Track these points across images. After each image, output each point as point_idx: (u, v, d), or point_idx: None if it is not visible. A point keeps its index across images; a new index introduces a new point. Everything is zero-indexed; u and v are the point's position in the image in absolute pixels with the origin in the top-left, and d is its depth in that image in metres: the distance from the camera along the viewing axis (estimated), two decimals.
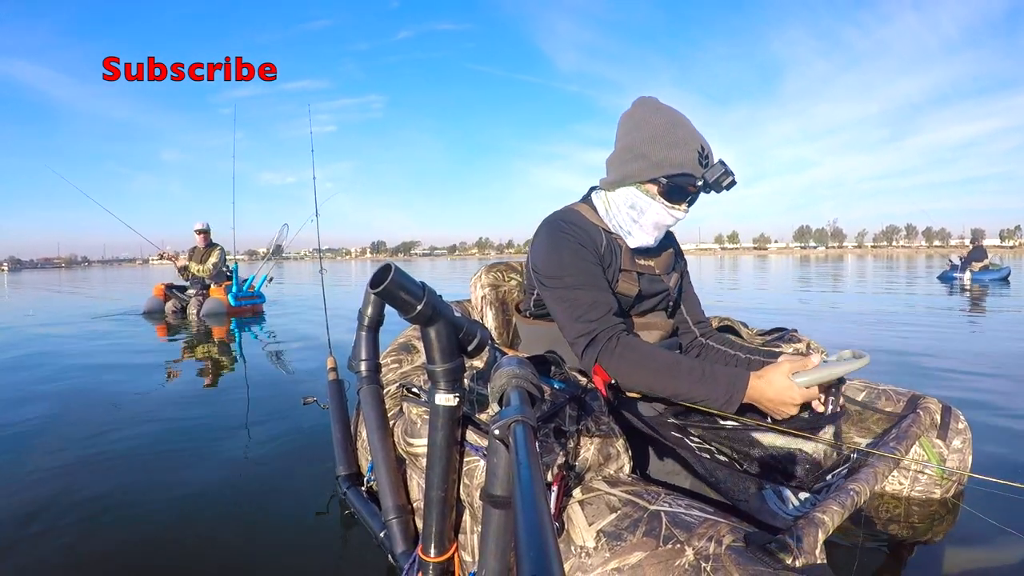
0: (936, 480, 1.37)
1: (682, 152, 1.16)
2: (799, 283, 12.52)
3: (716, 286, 11.78)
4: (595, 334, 1.12)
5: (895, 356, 3.52)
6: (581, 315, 1.13)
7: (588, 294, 1.15)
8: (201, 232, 6.86)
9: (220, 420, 2.38)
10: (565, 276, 1.17)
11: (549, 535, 0.40)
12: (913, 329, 4.81)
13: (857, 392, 1.42)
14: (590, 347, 1.12)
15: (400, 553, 1.11)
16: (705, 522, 0.77)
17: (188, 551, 1.35)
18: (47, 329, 5.76)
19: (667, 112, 1.21)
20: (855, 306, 6.92)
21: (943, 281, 11.24)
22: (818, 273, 16.52)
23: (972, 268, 10.83)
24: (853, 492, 0.90)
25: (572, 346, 1.16)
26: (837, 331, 4.81)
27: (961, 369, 3.12)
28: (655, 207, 1.20)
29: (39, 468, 1.85)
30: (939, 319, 5.59)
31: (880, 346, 3.86)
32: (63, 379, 3.26)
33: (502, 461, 0.74)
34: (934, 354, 3.60)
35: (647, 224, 1.22)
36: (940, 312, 6.25)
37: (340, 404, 1.62)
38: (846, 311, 6.44)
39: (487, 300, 1.62)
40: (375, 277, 0.78)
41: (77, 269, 52.31)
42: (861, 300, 8.03)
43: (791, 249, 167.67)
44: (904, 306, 6.74)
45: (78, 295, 12.01)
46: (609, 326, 1.13)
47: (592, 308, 1.13)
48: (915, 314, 6.04)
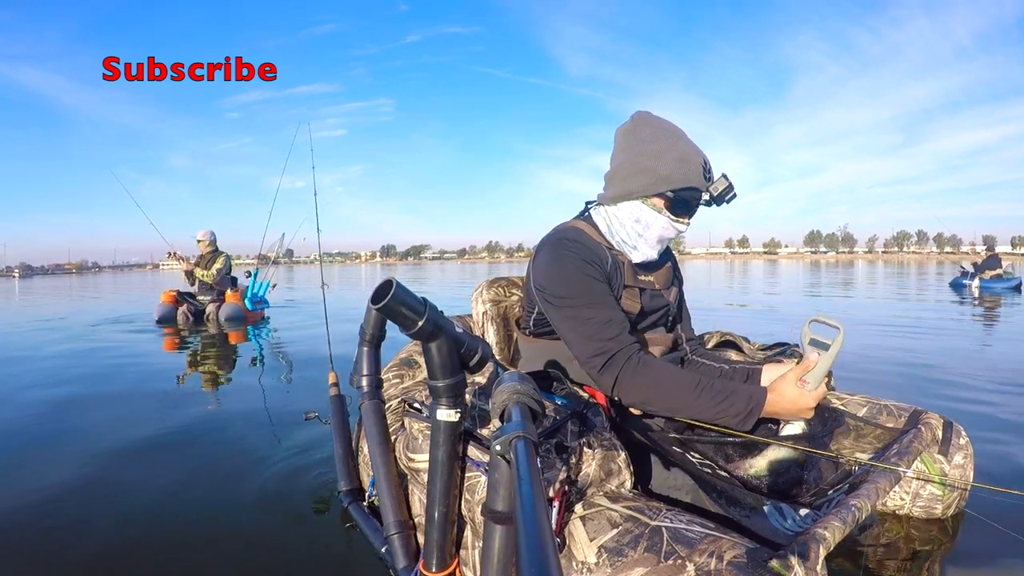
0: (938, 496, 1.36)
1: (688, 166, 1.17)
2: (809, 287, 12.41)
3: (725, 291, 11.74)
4: (612, 353, 1.10)
5: (901, 368, 3.51)
6: (594, 334, 1.11)
7: (600, 313, 1.13)
8: (202, 241, 6.82)
9: (222, 432, 2.37)
10: (574, 296, 1.14)
11: (550, 551, 0.41)
12: (919, 339, 4.77)
13: (858, 407, 1.42)
14: (608, 367, 1.09)
15: (402, 568, 1.10)
16: (706, 538, 0.77)
17: (185, 566, 1.34)
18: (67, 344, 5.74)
19: (669, 127, 1.22)
20: (868, 315, 6.84)
21: (954, 288, 10.96)
22: (828, 280, 16.43)
23: (982, 276, 10.59)
24: (855, 508, 0.90)
25: (586, 366, 1.13)
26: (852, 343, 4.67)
27: (970, 384, 3.09)
28: (661, 221, 1.20)
29: (36, 473, 1.85)
30: (949, 327, 5.51)
31: (888, 357, 3.84)
32: (59, 385, 3.27)
33: (503, 477, 0.75)
34: (938, 364, 3.59)
35: (651, 238, 1.22)
36: (950, 320, 6.17)
37: (341, 419, 1.62)
38: (859, 316, 6.38)
39: (488, 316, 1.63)
40: (376, 293, 0.78)
41: (88, 275, 52.28)
42: (871, 307, 7.97)
43: (801, 254, 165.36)
44: (913, 316, 6.65)
45: (100, 300, 11.94)
46: (625, 345, 1.11)
47: (605, 327, 1.11)
48: (925, 323, 5.98)
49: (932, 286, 12.67)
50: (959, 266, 12.21)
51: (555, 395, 1.10)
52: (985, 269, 10.84)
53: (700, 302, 9.09)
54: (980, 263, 11.16)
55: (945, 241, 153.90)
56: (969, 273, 11.04)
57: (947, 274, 16.50)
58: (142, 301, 9.77)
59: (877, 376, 3.29)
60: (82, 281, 29.59)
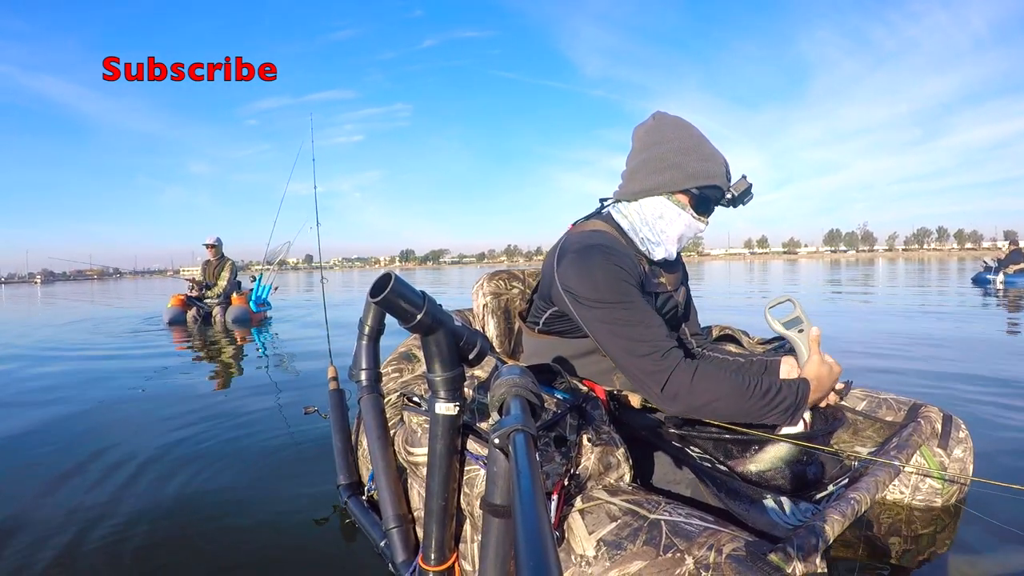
0: (937, 489, 1.36)
1: (713, 165, 1.18)
2: (829, 285, 12.31)
3: (745, 288, 11.64)
4: (663, 351, 1.07)
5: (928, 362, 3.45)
6: (640, 335, 1.08)
7: (642, 315, 1.10)
8: (211, 247, 7.18)
9: (222, 426, 2.38)
10: (614, 299, 1.10)
11: (549, 544, 0.40)
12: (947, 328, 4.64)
13: (858, 401, 1.42)
14: (658, 367, 1.06)
15: (401, 562, 1.11)
16: (705, 531, 0.77)
17: (186, 558, 1.34)
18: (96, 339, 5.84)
19: (692, 126, 1.23)
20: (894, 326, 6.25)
21: (977, 284, 10.75)
22: (848, 277, 16.31)
23: (1007, 271, 10.46)
24: (854, 501, 0.90)
25: (630, 364, 1.09)
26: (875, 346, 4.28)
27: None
28: (684, 218, 1.20)
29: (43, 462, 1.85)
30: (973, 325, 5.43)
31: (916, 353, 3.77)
32: (58, 390, 3.27)
33: (502, 470, 0.75)
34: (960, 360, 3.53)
35: (673, 235, 1.21)
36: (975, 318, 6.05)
37: (341, 414, 1.62)
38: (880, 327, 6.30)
39: (489, 308, 1.63)
40: (375, 286, 0.78)
41: (109, 281, 52.49)
42: (894, 301, 7.88)
43: (821, 253, 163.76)
44: (938, 312, 6.47)
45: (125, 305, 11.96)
46: (673, 345, 1.08)
47: (650, 327, 1.09)
48: (948, 317, 5.87)
49: (954, 282, 12.44)
50: (981, 261, 11.90)
51: (555, 389, 1.10)
52: (1009, 264, 10.72)
53: (717, 298, 9.09)
54: (1003, 258, 11.01)
55: (966, 237, 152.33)
56: (992, 268, 10.86)
57: (968, 270, 16.17)
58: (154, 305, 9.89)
59: (901, 363, 3.30)
60: (104, 287, 29.73)
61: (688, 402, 1.05)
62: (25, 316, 10.44)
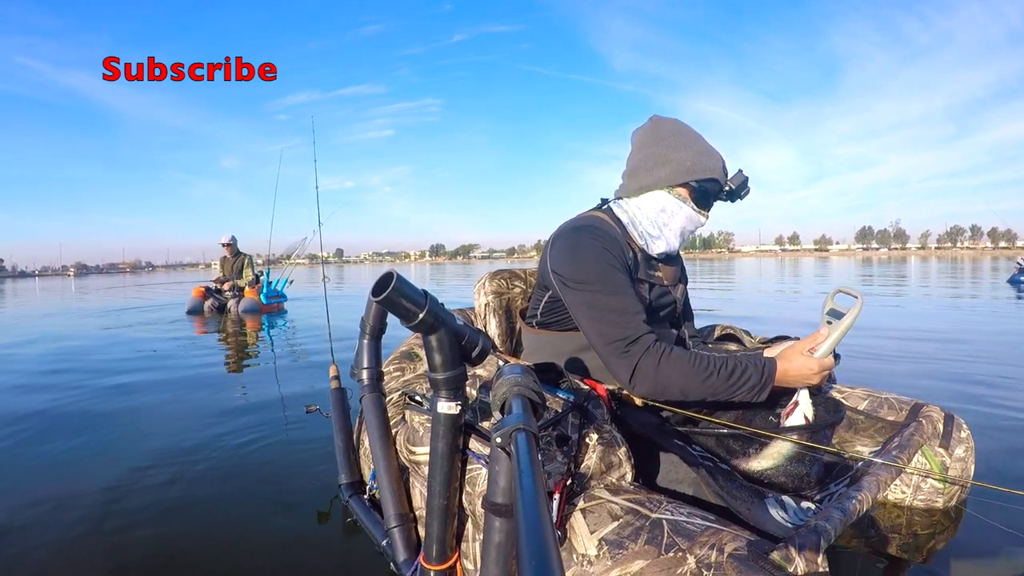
0: (939, 489, 1.36)
1: (710, 159, 1.23)
2: (861, 279, 12.07)
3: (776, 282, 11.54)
4: (633, 338, 1.09)
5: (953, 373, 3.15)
6: (615, 321, 1.11)
7: (620, 301, 1.13)
8: (227, 245, 7.92)
9: (222, 424, 2.38)
10: (594, 281, 1.14)
11: (551, 543, 0.40)
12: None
13: (859, 401, 1.42)
14: (627, 354, 1.09)
15: (402, 561, 1.11)
16: (707, 530, 0.77)
17: (188, 558, 1.35)
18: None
19: (688, 126, 1.27)
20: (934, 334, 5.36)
21: (1012, 284, 10.41)
22: (881, 272, 15.95)
23: None
24: (855, 501, 0.90)
25: (604, 350, 1.13)
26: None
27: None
28: (685, 211, 1.24)
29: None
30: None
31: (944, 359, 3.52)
32: (74, 387, 3.28)
33: (504, 469, 0.75)
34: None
35: (675, 228, 1.25)
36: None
37: (342, 412, 1.62)
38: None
39: (490, 307, 1.63)
40: (376, 285, 0.78)
41: (142, 274, 52.99)
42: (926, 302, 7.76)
43: (852, 251, 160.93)
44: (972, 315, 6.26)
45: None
46: (645, 333, 1.11)
47: (626, 315, 1.11)
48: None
49: (986, 282, 12.06)
50: (1015, 262, 11.50)
51: (557, 388, 1.10)
52: None
53: (747, 292, 8.94)
54: None
55: (1000, 236, 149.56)
56: None
57: (1003, 270, 15.62)
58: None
59: (926, 365, 3.23)
60: (136, 280, 30.03)
61: (654, 383, 1.08)
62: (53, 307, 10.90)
